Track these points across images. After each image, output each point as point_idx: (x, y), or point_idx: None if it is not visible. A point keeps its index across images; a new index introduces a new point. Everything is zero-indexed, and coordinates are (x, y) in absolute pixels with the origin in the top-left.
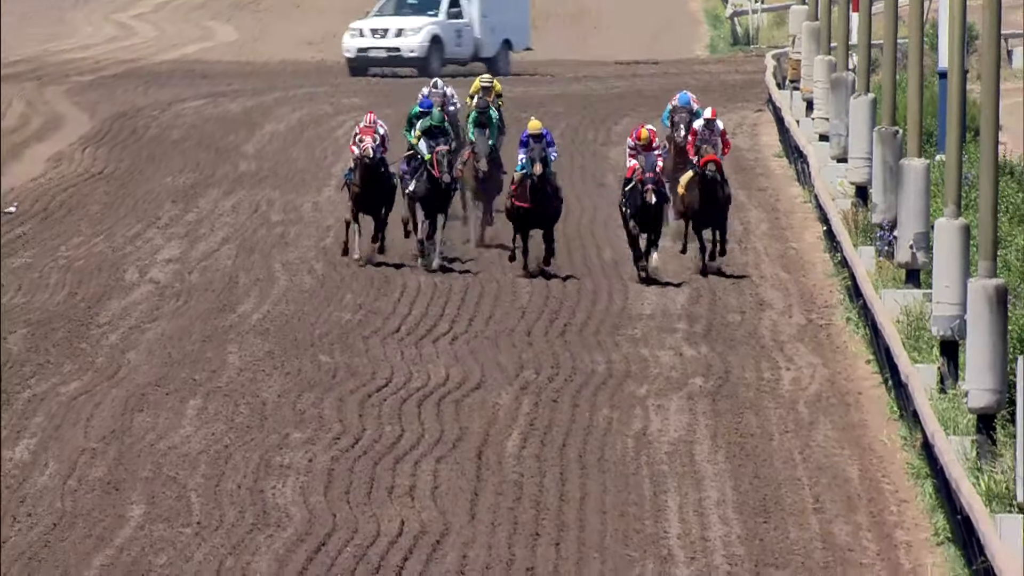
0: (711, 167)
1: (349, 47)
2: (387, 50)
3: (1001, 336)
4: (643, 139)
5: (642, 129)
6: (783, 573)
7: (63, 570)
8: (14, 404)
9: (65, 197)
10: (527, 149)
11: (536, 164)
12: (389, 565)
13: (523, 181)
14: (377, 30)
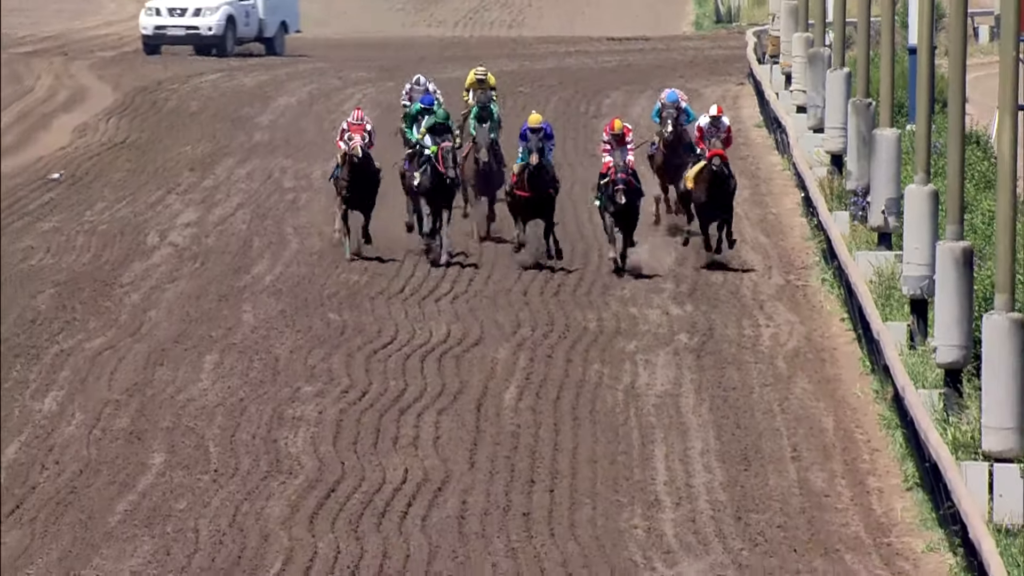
0: (716, 160)
1: (146, 25)
2: (185, 28)
3: (967, 295)
4: (616, 130)
5: (615, 121)
6: (763, 517)
7: (88, 514)
8: (43, 359)
9: (90, 165)
10: (526, 142)
11: (532, 154)
12: (394, 510)
13: (522, 171)
14: (174, 9)
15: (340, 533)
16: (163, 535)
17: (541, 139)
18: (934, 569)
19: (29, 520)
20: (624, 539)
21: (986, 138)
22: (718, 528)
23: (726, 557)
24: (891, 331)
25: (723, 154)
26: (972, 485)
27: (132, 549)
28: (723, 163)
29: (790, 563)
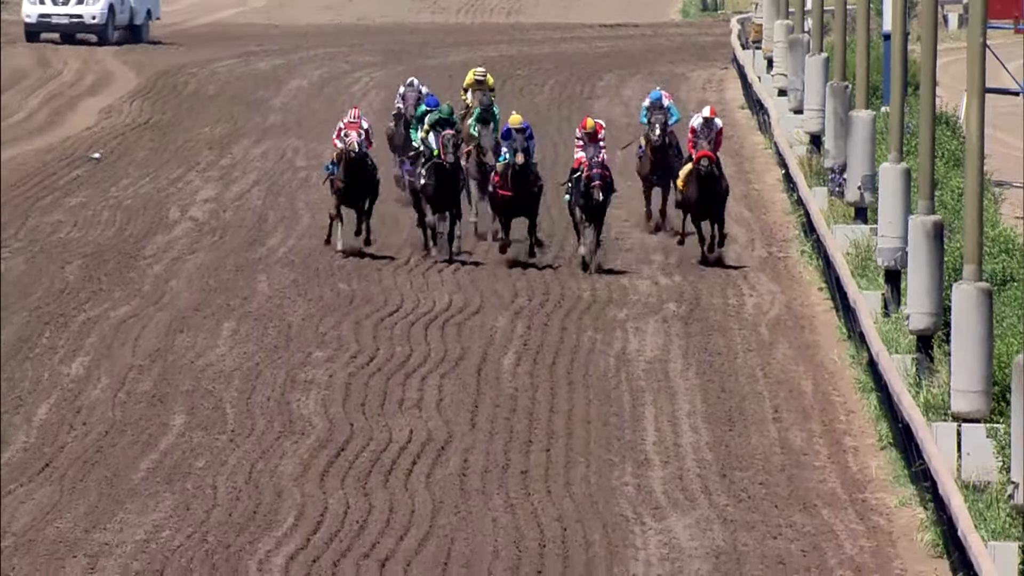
0: (704, 162)
1: (29, 13)
2: (69, 16)
3: (938, 266)
4: (589, 128)
5: (587, 119)
6: (746, 475)
7: (114, 471)
8: (71, 326)
9: (115, 144)
10: (509, 141)
11: (518, 155)
12: (400, 468)
13: (505, 171)
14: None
15: (349, 489)
16: (183, 491)
17: (526, 139)
18: (906, 523)
19: (59, 477)
20: (616, 495)
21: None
22: (704, 485)
23: (712, 512)
24: (866, 300)
25: (711, 155)
26: (942, 444)
27: (154, 504)
28: (712, 164)
29: (771, 517)
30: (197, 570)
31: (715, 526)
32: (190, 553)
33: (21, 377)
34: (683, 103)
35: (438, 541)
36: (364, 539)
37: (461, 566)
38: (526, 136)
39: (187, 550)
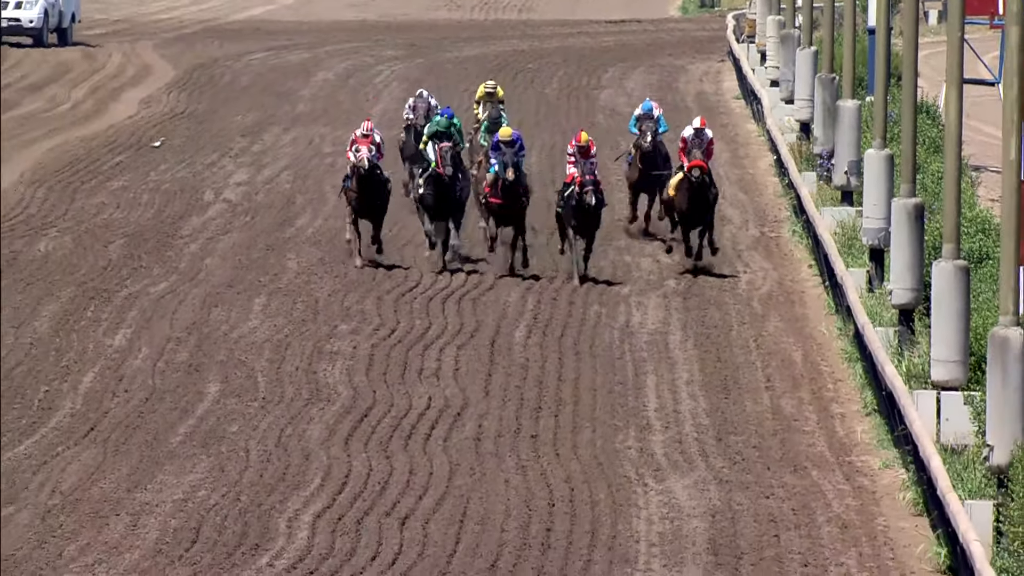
0: (696, 172)
1: None
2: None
3: (919, 245)
4: (582, 143)
5: (581, 134)
6: (740, 439)
7: (153, 435)
8: (114, 301)
9: (154, 132)
10: (499, 154)
11: (508, 170)
12: (419, 433)
13: (495, 182)
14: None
15: (372, 452)
16: (218, 454)
17: (515, 152)
18: (889, 483)
19: (102, 440)
20: (620, 458)
21: (935, 108)
22: (701, 448)
23: (708, 474)
24: (852, 276)
25: (703, 165)
26: (922, 410)
27: (191, 466)
28: (703, 174)
29: (764, 478)
30: (231, 527)
31: (712, 487)
32: (224, 511)
33: (67, 348)
34: (682, 93)
35: (454, 500)
36: (386, 498)
37: (476, 523)
38: (515, 150)
39: (222, 508)
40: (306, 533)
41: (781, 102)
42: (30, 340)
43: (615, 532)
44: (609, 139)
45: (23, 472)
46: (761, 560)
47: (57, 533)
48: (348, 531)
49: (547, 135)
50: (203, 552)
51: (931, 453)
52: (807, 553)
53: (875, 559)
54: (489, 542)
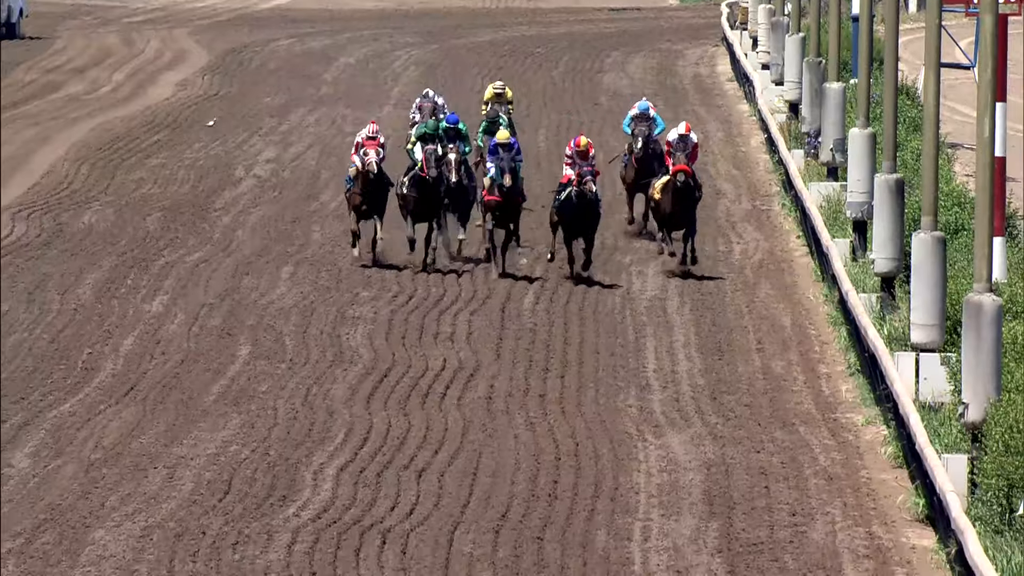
0: (681, 176)
1: None
2: None
3: (899, 217)
4: (581, 147)
5: (580, 138)
6: (733, 398)
7: (188, 395)
8: (152, 269)
9: (189, 113)
10: (496, 158)
11: (506, 175)
12: (435, 392)
13: (492, 187)
14: None
15: (391, 410)
16: (248, 412)
17: (513, 157)
18: (871, 438)
19: (141, 399)
20: (621, 416)
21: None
22: (697, 406)
23: (704, 430)
24: (837, 246)
25: (688, 170)
26: (902, 371)
27: (223, 423)
28: (688, 178)
29: (755, 434)
30: (260, 479)
31: (707, 442)
32: (254, 465)
33: (109, 313)
34: (680, 76)
35: (467, 455)
36: (404, 453)
37: (488, 476)
38: (512, 154)
39: (252, 462)
40: (330, 485)
41: (771, 84)
42: (74, 306)
43: (617, 484)
44: (611, 118)
45: (68, 428)
46: (752, 510)
47: (100, 484)
48: (369, 483)
49: (553, 115)
50: (234, 502)
51: (910, 410)
52: (795, 503)
53: (858, 509)
54: (500, 493)
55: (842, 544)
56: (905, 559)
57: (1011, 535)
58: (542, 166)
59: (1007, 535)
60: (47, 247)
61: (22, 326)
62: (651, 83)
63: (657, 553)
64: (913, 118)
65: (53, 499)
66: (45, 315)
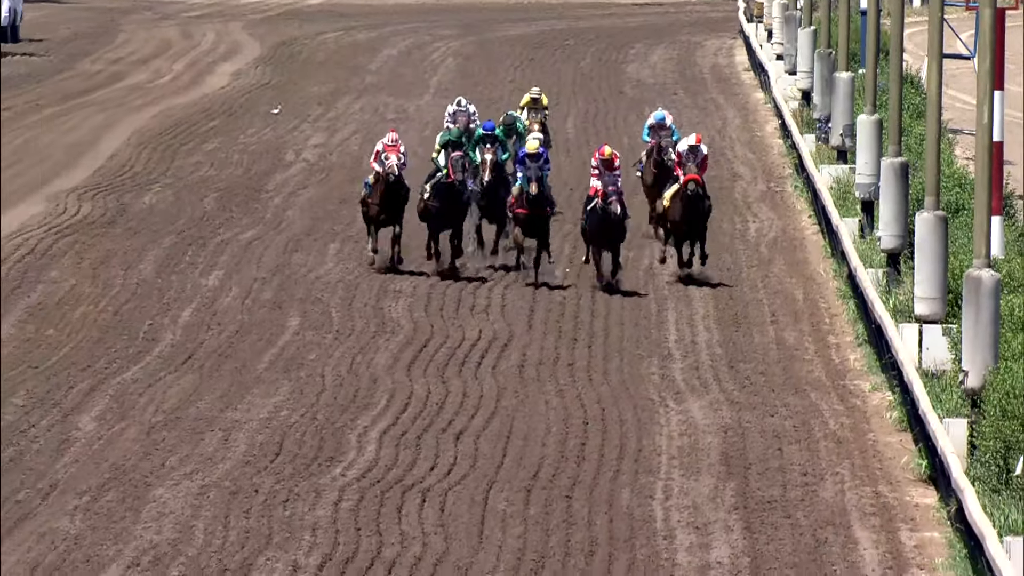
0: (692, 186)
1: None
2: None
3: (904, 198)
4: (605, 156)
5: (604, 147)
6: (749, 366)
7: (242, 363)
8: (208, 246)
9: (243, 100)
10: (524, 168)
11: (532, 184)
12: (471, 361)
13: (520, 195)
14: None
15: (430, 378)
16: (298, 379)
17: (540, 166)
18: (877, 403)
19: (198, 367)
20: (644, 383)
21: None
22: (715, 374)
23: (721, 396)
24: (846, 225)
25: (699, 179)
26: (906, 341)
27: (274, 390)
28: (698, 187)
29: (770, 400)
30: (309, 442)
31: (724, 407)
32: (303, 428)
33: (168, 287)
34: (699, 66)
35: (501, 419)
36: (442, 417)
37: (520, 439)
38: (540, 164)
39: (301, 426)
40: (373, 447)
41: (785, 74)
42: (136, 281)
43: (640, 446)
44: (635, 107)
45: (131, 394)
46: (766, 470)
47: (160, 446)
48: (409, 445)
49: (581, 103)
50: (285, 463)
51: (914, 378)
52: (806, 464)
53: (865, 469)
54: (532, 455)
55: (850, 502)
56: (909, 516)
57: (1008, 494)
58: (571, 152)
59: (1004, 494)
60: (111, 226)
61: (88, 299)
62: (672, 73)
63: (678, 510)
64: (917, 105)
65: (117, 459)
66: (109, 289)
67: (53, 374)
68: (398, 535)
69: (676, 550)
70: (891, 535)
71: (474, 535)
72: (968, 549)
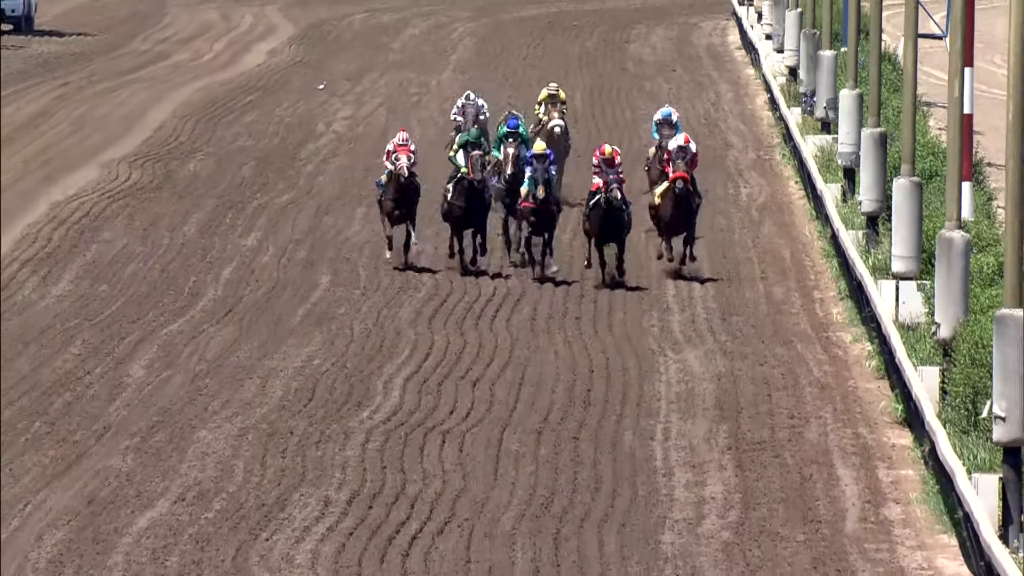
0: (680, 183)
1: None
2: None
3: (882, 165)
4: (606, 155)
5: (605, 146)
6: (741, 318)
7: (278, 317)
8: (247, 210)
9: (278, 77)
10: (532, 168)
11: (539, 187)
12: (486, 314)
13: (527, 197)
14: None
15: (449, 330)
16: (329, 331)
17: (547, 167)
18: (858, 353)
19: (238, 319)
20: (645, 334)
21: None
22: (710, 326)
23: (716, 346)
24: (830, 190)
25: (687, 177)
26: (884, 296)
27: (307, 341)
28: (686, 185)
29: (760, 350)
30: (339, 388)
31: (718, 356)
32: (333, 375)
33: (211, 247)
34: (695, 46)
35: (514, 367)
36: (460, 366)
37: (531, 386)
38: (546, 165)
39: (331, 373)
40: (398, 393)
41: (773, 52)
42: (181, 241)
43: (642, 392)
44: (637, 82)
45: (177, 344)
46: (757, 414)
47: (203, 392)
48: (431, 391)
49: (588, 78)
50: (317, 407)
51: (891, 330)
52: (793, 408)
53: (846, 413)
54: (542, 400)
55: (832, 443)
56: (886, 455)
57: (976, 435)
58: (578, 123)
59: (972, 435)
60: (158, 191)
61: (138, 258)
62: (671, 52)
63: (676, 451)
64: (894, 81)
65: (164, 404)
66: (157, 249)
67: (106, 326)
68: (420, 473)
69: (674, 487)
70: (870, 472)
71: (490, 473)
72: (940, 485)
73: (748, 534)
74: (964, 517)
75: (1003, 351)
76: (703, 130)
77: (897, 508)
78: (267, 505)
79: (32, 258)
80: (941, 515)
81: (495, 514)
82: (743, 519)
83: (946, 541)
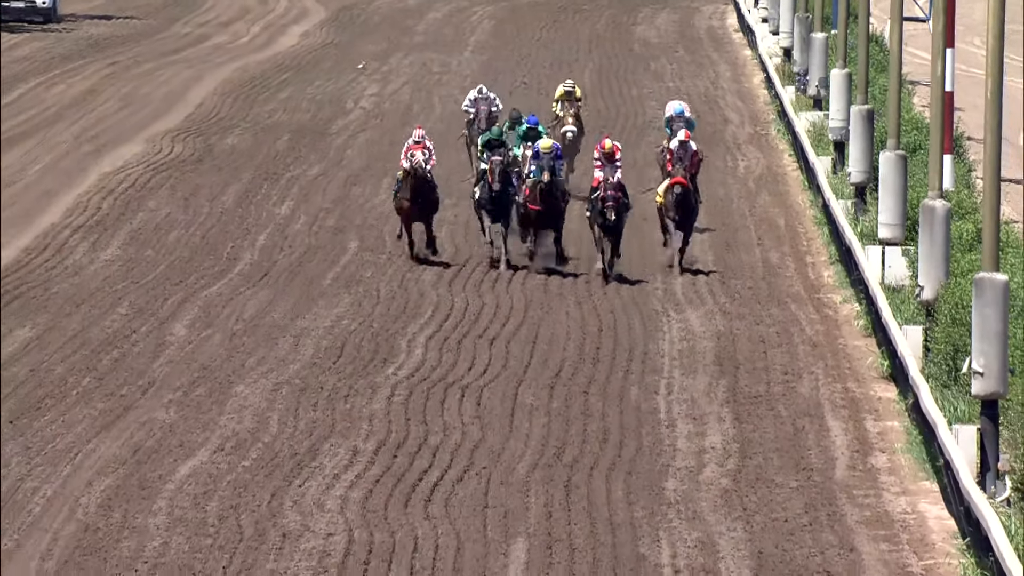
0: (678, 188)
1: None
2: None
3: (870, 139)
4: (607, 149)
5: (605, 141)
6: (739, 282)
7: (309, 280)
8: (280, 181)
9: (310, 57)
10: (538, 160)
11: (545, 172)
12: (502, 278)
13: (534, 187)
14: None
15: (469, 292)
16: (356, 293)
17: (552, 159)
18: (847, 313)
19: (273, 282)
20: (649, 296)
21: (882, 39)
22: (710, 288)
23: (715, 307)
24: (821, 163)
25: (684, 182)
26: (871, 260)
27: (336, 302)
28: (684, 189)
29: (756, 310)
30: (366, 346)
31: (717, 316)
32: (361, 334)
33: (247, 215)
34: (696, 28)
35: (529, 326)
36: (479, 325)
37: (544, 343)
38: (552, 157)
39: (359, 332)
40: (420, 350)
41: (769, 34)
42: (220, 210)
43: (646, 350)
44: (643, 62)
45: (216, 305)
46: (753, 370)
47: (240, 349)
48: (451, 349)
49: (597, 58)
50: (345, 364)
51: (877, 291)
52: (787, 364)
53: (836, 369)
54: (554, 357)
55: (824, 396)
56: (873, 408)
57: (956, 389)
58: (587, 101)
59: (953, 389)
60: (199, 163)
61: (180, 225)
62: (674, 34)
63: (678, 404)
64: (881, 61)
65: (204, 360)
66: (197, 217)
67: (151, 288)
68: (441, 425)
69: (676, 437)
70: (858, 424)
71: (505, 425)
72: (922, 435)
73: (745, 481)
74: (945, 465)
75: (981, 311)
76: (704, 107)
77: (883, 457)
78: (299, 454)
79: (83, 225)
80: (924, 463)
81: (510, 463)
82: (740, 467)
83: (928, 487)
